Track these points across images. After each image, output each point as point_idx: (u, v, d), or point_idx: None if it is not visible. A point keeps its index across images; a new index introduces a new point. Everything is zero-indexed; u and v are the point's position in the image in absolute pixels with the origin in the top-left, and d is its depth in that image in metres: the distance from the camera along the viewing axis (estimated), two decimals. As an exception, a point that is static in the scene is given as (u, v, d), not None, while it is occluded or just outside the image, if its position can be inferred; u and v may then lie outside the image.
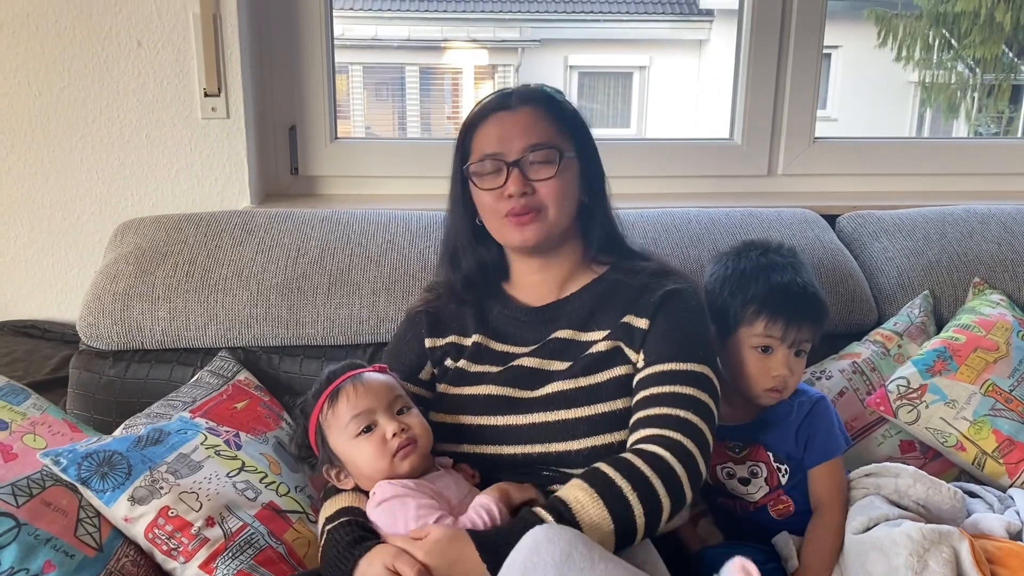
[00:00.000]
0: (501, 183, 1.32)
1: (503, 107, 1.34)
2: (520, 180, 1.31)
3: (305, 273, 1.72)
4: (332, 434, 1.26)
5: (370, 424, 1.24)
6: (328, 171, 2.14)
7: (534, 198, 1.32)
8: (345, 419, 1.24)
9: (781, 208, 1.98)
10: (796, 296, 1.40)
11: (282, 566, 1.32)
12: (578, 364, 1.32)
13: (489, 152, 1.33)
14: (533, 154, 1.31)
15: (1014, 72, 6.01)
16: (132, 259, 1.73)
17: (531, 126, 1.32)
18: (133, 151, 1.95)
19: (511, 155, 1.32)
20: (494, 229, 1.37)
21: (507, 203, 1.32)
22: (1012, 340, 1.65)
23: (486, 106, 1.37)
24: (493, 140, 1.33)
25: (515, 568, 1.04)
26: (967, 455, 1.56)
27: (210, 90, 1.92)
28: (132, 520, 1.30)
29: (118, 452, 1.35)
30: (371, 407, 1.24)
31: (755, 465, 1.42)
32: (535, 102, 1.35)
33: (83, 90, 1.91)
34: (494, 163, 1.32)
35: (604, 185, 1.42)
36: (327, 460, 1.28)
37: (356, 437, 1.24)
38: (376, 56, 7.35)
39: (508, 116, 1.33)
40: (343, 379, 1.27)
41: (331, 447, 1.26)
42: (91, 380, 1.68)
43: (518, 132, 1.32)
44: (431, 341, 1.42)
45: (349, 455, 1.25)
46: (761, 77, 2.16)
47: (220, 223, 1.80)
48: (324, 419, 1.26)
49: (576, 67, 7.90)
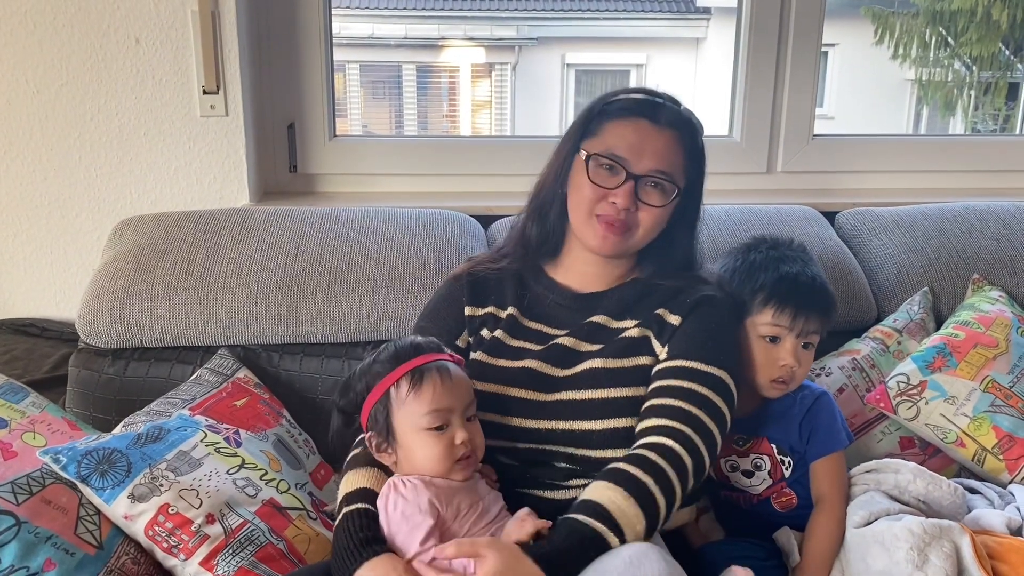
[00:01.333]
0: (612, 186, 1.32)
1: (649, 117, 1.33)
2: (631, 196, 1.31)
3: (304, 271, 1.71)
4: (401, 414, 1.20)
5: (443, 423, 1.20)
6: (327, 169, 2.13)
7: (632, 216, 1.33)
8: (424, 408, 1.19)
9: (780, 205, 1.98)
10: (804, 286, 1.41)
11: (283, 563, 1.32)
12: (609, 347, 1.34)
13: (618, 155, 1.31)
14: (655, 176, 1.32)
15: (1011, 70, 6.01)
16: (131, 257, 1.73)
17: (666, 152, 1.32)
18: (131, 149, 1.95)
19: (636, 168, 1.31)
20: (577, 218, 1.36)
21: (606, 206, 1.32)
22: (1011, 336, 1.65)
23: (636, 104, 1.34)
24: (626, 145, 1.31)
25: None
26: (967, 451, 1.57)
27: (208, 88, 1.92)
28: (132, 518, 1.30)
29: (118, 450, 1.35)
30: (452, 406, 1.20)
31: (759, 458, 1.42)
32: (680, 129, 1.34)
33: (81, 88, 1.91)
34: (615, 163, 1.32)
35: (696, 223, 1.43)
36: (379, 431, 1.22)
37: (426, 431, 1.19)
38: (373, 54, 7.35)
39: (651, 130, 1.32)
40: (429, 360, 1.22)
41: (394, 426, 1.21)
42: (90, 378, 1.68)
43: (652, 151, 1.31)
44: (471, 309, 1.42)
45: (410, 443, 1.20)
46: (760, 74, 2.16)
47: (219, 221, 1.80)
48: (399, 395, 1.20)
49: (573, 65, 7.89)
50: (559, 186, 1.39)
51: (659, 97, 1.36)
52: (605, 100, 1.37)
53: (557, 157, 1.41)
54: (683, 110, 1.37)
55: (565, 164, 1.38)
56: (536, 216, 1.43)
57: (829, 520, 1.36)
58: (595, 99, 1.39)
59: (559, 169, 1.39)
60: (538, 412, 1.32)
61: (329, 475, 1.59)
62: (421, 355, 1.22)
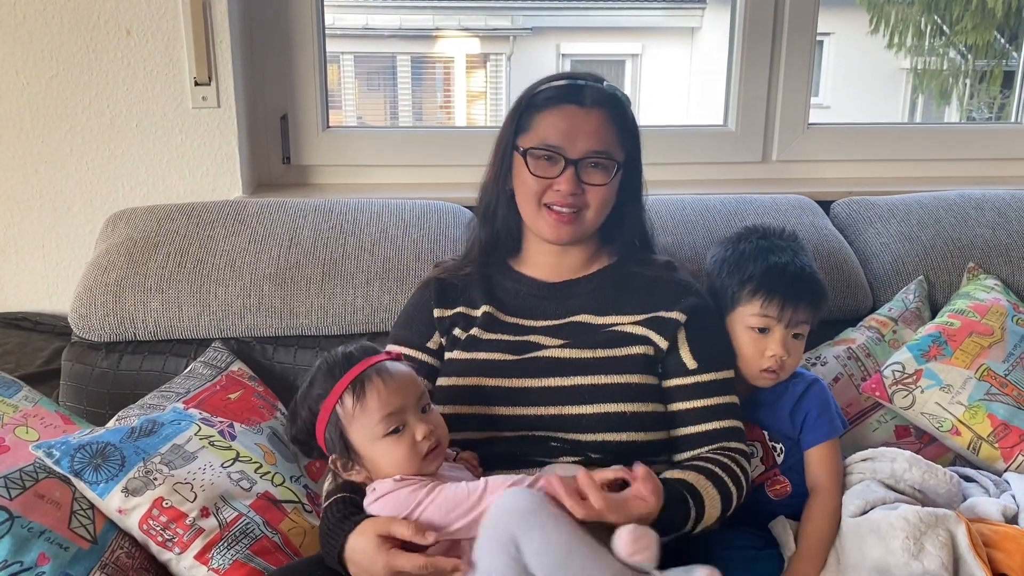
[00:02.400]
0: (554, 175, 1.33)
1: (575, 102, 1.34)
2: (574, 181, 1.32)
3: (298, 263, 1.71)
4: (354, 429, 1.17)
5: (399, 424, 1.16)
6: (320, 160, 2.12)
7: (579, 199, 1.34)
8: (374, 418, 1.15)
9: (776, 194, 1.98)
10: (793, 276, 1.41)
11: (278, 555, 1.32)
12: (594, 339, 1.35)
13: (552, 143, 1.33)
14: (593, 157, 1.33)
15: (1006, 58, 6.01)
16: (123, 250, 1.72)
17: (598, 131, 1.34)
18: (123, 141, 1.94)
19: (572, 153, 1.32)
20: (528, 213, 1.38)
21: (553, 196, 1.34)
22: (1007, 325, 1.65)
23: (560, 92, 1.35)
24: (558, 132, 1.33)
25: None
26: (962, 440, 1.57)
27: (200, 79, 1.91)
28: (126, 512, 1.30)
29: (111, 444, 1.35)
30: (402, 405, 1.17)
31: (751, 444, 1.42)
32: (607, 106, 1.35)
33: (72, 80, 1.89)
34: (552, 154, 1.33)
35: (640, 195, 1.44)
36: (339, 452, 1.19)
37: (384, 437, 1.16)
38: (367, 45, 7.32)
39: (579, 113, 1.33)
40: (365, 366, 1.17)
41: (351, 442, 1.17)
42: (83, 372, 1.67)
43: (585, 133, 1.33)
44: (439, 311, 1.43)
45: (373, 454, 1.17)
46: (755, 63, 2.15)
47: (212, 213, 1.79)
48: (345, 411, 1.16)
49: (568, 55, 7.88)
50: (502, 185, 1.41)
51: (580, 79, 1.36)
52: (531, 93, 1.38)
53: (495, 158, 1.42)
54: (606, 87, 1.37)
55: (504, 163, 1.40)
56: (484, 219, 1.45)
57: (825, 508, 1.36)
58: (521, 94, 1.40)
59: (499, 169, 1.41)
60: (523, 399, 1.32)
61: (324, 468, 1.59)
62: (354, 364, 1.18)
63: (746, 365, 1.42)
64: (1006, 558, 1.23)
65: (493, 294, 1.43)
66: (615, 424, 1.30)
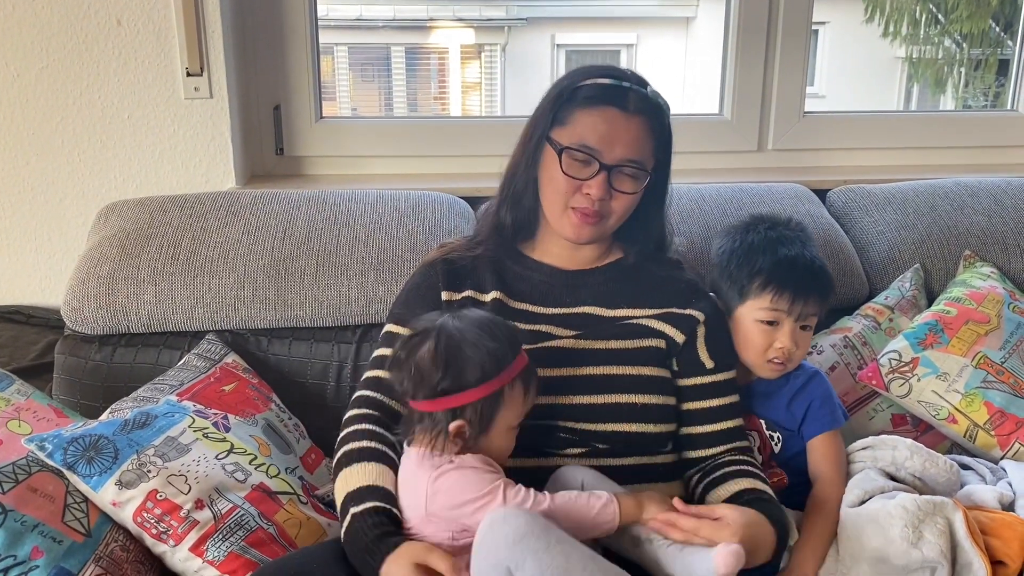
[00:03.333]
0: (585, 177, 1.31)
1: (618, 105, 1.31)
2: (605, 187, 1.31)
3: (292, 254, 1.70)
4: (507, 411, 1.17)
5: (520, 422, 1.21)
6: (314, 151, 2.11)
7: (606, 205, 1.33)
8: (522, 411, 1.20)
9: (771, 183, 1.97)
10: (803, 269, 1.40)
11: (273, 547, 1.31)
12: (607, 331, 1.35)
13: (589, 145, 1.30)
14: (627, 166, 1.31)
15: (1001, 46, 6.00)
16: (116, 242, 1.71)
17: (636, 139, 1.31)
18: (115, 132, 1.92)
19: (608, 159, 1.30)
20: (553, 210, 1.36)
21: (582, 199, 1.32)
22: (1003, 312, 1.65)
23: (604, 92, 1.32)
24: (597, 135, 1.30)
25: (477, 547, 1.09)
26: (959, 428, 1.56)
27: (192, 70, 1.89)
28: (120, 504, 1.29)
29: (104, 436, 1.34)
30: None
31: (748, 433, 1.41)
32: (648, 114, 1.33)
33: (63, 71, 1.88)
34: (589, 155, 1.30)
35: (665, 200, 1.44)
36: (478, 422, 1.15)
37: (511, 428, 1.20)
38: (361, 36, 7.29)
39: (621, 118, 1.30)
40: (528, 363, 1.20)
41: (496, 421, 1.17)
42: (77, 365, 1.67)
43: (624, 140, 1.30)
44: (448, 294, 1.39)
45: (498, 438, 1.18)
46: (750, 52, 2.14)
47: (205, 204, 1.78)
48: (513, 393, 1.17)
49: (563, 45, 7.85)
50: (531, 172, 1.38)
51: (626, 80, 1.33)
52: (573, 85, 1.34)
53: (526, 143, 1.38)
54: (650, 92, 1.35)
55: (536, 151, 1.36)
56: (511, 203, 1.41)
57: (829, 498, 1.36)
58: (561, 82, 1.36)
59: (531, 155, 1.37)
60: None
61: (320, 459, 1.58)
62: (518, 345, 1.20)
63: (753, 356, 1.42)
64: (1003, 545, 1.23)
65: (503, 279, 1.40)
66: (626, 415, 1.30)
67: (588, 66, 1.38)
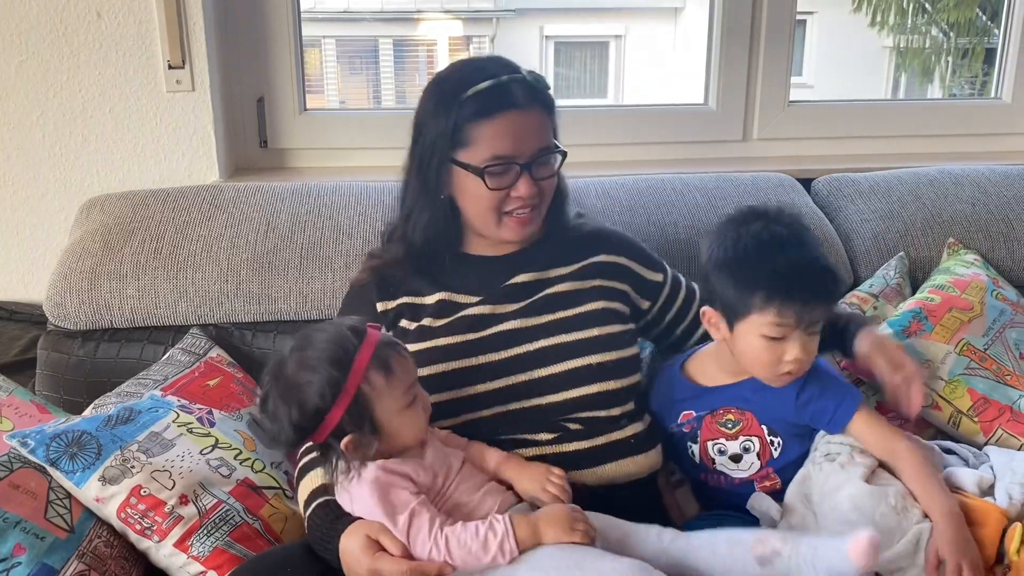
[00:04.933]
0: (508, 183, 1.31)
1: (512, 105, 1.29)
2: (530, 182, 1.31)
3: (276, 247, 1.69)
4: (382, 404, 1.16)
5: (415, 396, 1.20)
6: (298, 143, 2.10)
7: (535, 196, 1.33)
8: (401, 390, 1.17)
9: (756, 173, 1.97)
10: (808, 276, 1.26)
11: (259, 542, 1.31)
12: (543, 301, 1.37)
13: (502, 155, 1.29)
14: (542, 155, 1.32)
15: (987, 35, 6.01)
16: (98, 236, 1.70)
17: (541, 126, 1.32)
18: (96, 126, 1.91)
19: (524, 158, 1.30)
20: (485, 222, 1.35)
21: (513, 203, 1.32)
22: (986, 299, 1.66)
23: (488, 98, 1.28)
24: (508, 142, 1.29)
25: None
26: (942, 414, 1.57)
27: (174, 62, 1.88)
28: (104, 500, 1.29)
29: (87, 432, 1.33)
30: (416, 376, 1.22)
31: (748, 440, 1.35)
32: (540, 101, 1.32)
33: (42, 64, 1.86)
34: (507, 166, 1.30)
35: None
36: (362, 431, 1.15)
37: (406, 408, 1.18)
38: (348, 29, 7.25)
39: (521, 117, 1.29)
40: (374, 339, 1.17)
41: (376, 417, 1.15)
42: (60, 361, 1.65)
43: (531, 134, 1.30)
44: (383, 305, 1.39)
45: (396, 427, 1.18)
46: (735, 41, 2.13)
47: (188, 198, 1.77)
48: (374, 387, 1.15)
49: (552, 37, 7.84)
50: (437, 194, 1.35)
51: (503, 73, 1.30)
52: (457, 102, 1.29)
53: (424, 169, 1.34)
54: (528, 76, 1.32)
55: (440, 175, 1.33)
56: (420, 228, 1.37)
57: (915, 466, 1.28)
58: (442, 98, 1.31)
59: (434, 180, 1.34)
60: (491, 373, 1.32)
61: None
62: (364, 339, 1.17)
63: (762, 371, 1.31)
64: (977, 529, 1.24)
65: (439, 280, 1.39)
66: (584, 377, 1.32)
67: (453, 69, 1.36)
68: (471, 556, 1.11)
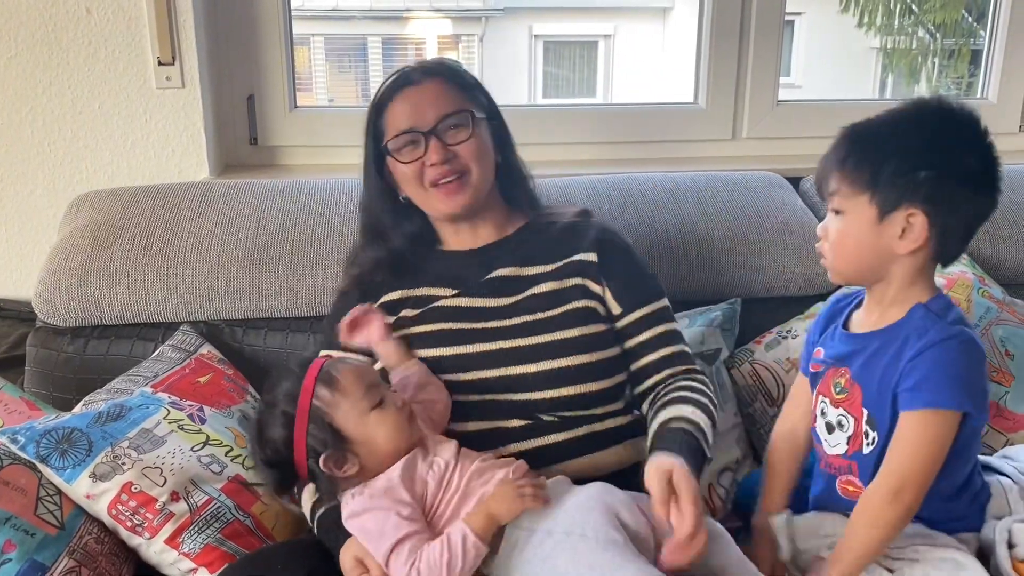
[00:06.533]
0: (421, 154, 1.35)
1: (408, 83, 1.37)
2: (440, 147, 1.34)
3: (267, 244, 1.69)
4: (340, 414, 1.17)
5: (380, 398, 1.19)
6: (288, 140, 2.10)
7: (456, 162, 1.35)
8: (357, 394, 1.18)
9: (745, 171, 1.98)
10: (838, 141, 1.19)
11: (250, 539, 1.31)
12: (525, 302, 1.36)
13: (404, 128, 1.35)
14: (447, 120, 1.35)
15: (973, 36, 6.06)
16: (88, 233, 1.69)
17: (439, 96, 1.36)
18: (86, 123, 1.90)
19: (425, 126, 1.34)
20: (421, 201, 1.39)
21: (431, 172, 1.35)
22: (972, 297, 1.68)
23: (391, 85, 1.39)
24: (406, 115, 1.35)
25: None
26: (929, 411, 1.58)
27: (164, 59, 1.87)
28: (94, 497, 1.28)
29: (78, 429, 1.33)
30: (373, 380, 1.21)
31: (844, 416, 1.22)
32: (438, 74, 1.38)
33: (31, 60, 1.85)
34: (410, 136, 1.35)
35: (513, 144, 1.46)
36: (331, 446, 1.17)
37: (371, 411, 1.18)
38: (338, 27, 7.25)
39: (415, 91, 1.36)
40: (321, 362, 1.21)
41: (340, 429, 1.17)
42: (49, 357, 1.65)
43: (428, 103, 1.35)
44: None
45: (367, 432, 1.17)
46: (724, 41, 2.14)
47: (178, 195, 1.76)
48: (324, 401, 1.17)
49: (541, 36, 7.85)
50: (391, 198, 1.42)
51: (407, 67, 1.41)
52: (372, 104, 1.40)
53: (368, 179, 1.44)
54: (431, 61, 1.42)
55: (381, 176, 1.41)
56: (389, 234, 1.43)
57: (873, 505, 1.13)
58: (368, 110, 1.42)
59: (379, 184, 1.42)
60: (467, 365, 1.32)
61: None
62: (308, 365, 1.21)
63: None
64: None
65: (417, 277, 1.41)
66: (562, 379, 1.31)
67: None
68: (447, 570, 1.10)
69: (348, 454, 1.17)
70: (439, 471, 1.19)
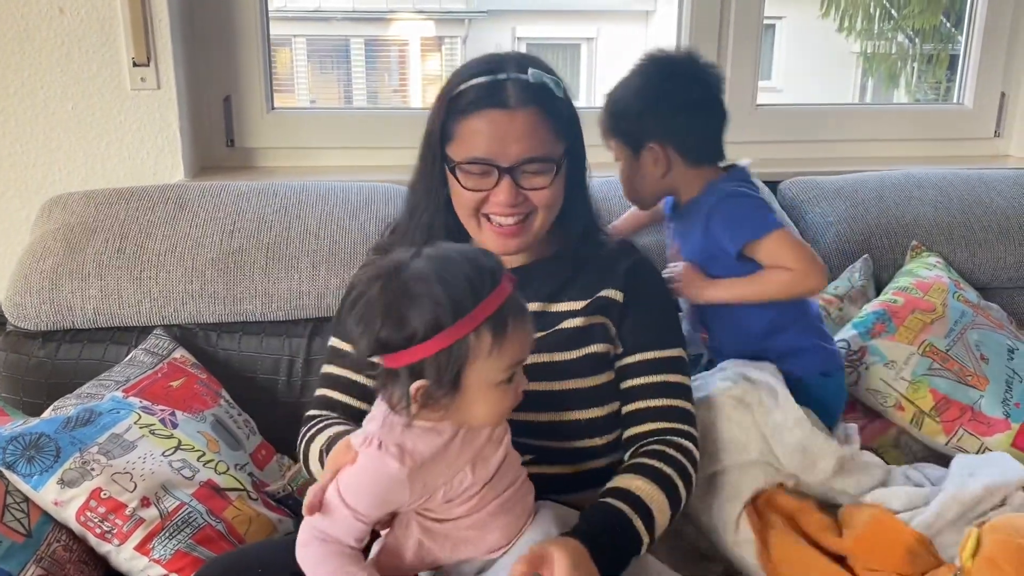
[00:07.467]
0: (490, 185, 1.21)
1: (499, 104, 1.19)
2: (512, 188, 1.20)
3: (242, 247, 1.67)
4: (477, 368, 0.98)
5: (513, 374, 1.03)
6: (265, 143, 2.08)
7: (524, 205, 1.23)
8: (505, 363, 1.00)
9: (724, 175, 1.98)
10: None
11: (222, 544, 1.30)
12: (548, 339, 1.26)
13: (480, 156, 1.20)
14: (530, 164, 1.20)
15: (951, 42, 6.11)
16: (60, 236, 1.67)
17: (529, 134, 1.19)
18: (59, 124, 1.88)
19: (505, 161, 1.20)
20: (470, 228, 1.27)
21: (494, 207, 1.22)
22: (948, 301, 1.68)
23: (479, 93, 1.20)
24: (484, 142, 1.19)
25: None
26: (905, 415, 1.59)
27: (139, 60, 1.85)
28: (62, 504, 1.26)
29: (46, 434, 1.31)
30: (526, 355, 1.04)
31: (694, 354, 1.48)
32: (535, 103, 1.20)
33: (2, 60, 1.83)
34: (484, 168, 1.21)
35: (586, 179, 1.34)
36: (443, 382, 0.98)
37: (498, 384, 1.01)
38: (320, 28, 7.21)
39: (504, 118, 1.19)
40: (505, 296, 1.00)
41: (464, 379, 0.99)
42: (19, 362, 1.63)
43: (515, 139, 1.19)
44: None
45: (476, 398, 1.00)
46: (703, 45, 2.14)
47: (152, 197, 1.74)
48: (480, 345, 0.97)
49: (524, 38, 7.84)
50: (441, 193, 1.27)
51: (502, 71, 1.21)
52: (451, 93, 1.23)
53: (425, 167, 1.29)
54: (532, 77, 1.21)
55: (433, 171, 1.27)
56: (418, 229, 1.30)
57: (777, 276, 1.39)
58: (443, 88, 1.25)
59: (436, 178, 1.27)
60: None
61: (270, 455, 1.56)
62: (496, 287, 0.99)
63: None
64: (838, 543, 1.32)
65: None
66: (570, 432, 1.24)
67: (468, 63, 1.26)
68: None
69: (445, 400, 1.00)
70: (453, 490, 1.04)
